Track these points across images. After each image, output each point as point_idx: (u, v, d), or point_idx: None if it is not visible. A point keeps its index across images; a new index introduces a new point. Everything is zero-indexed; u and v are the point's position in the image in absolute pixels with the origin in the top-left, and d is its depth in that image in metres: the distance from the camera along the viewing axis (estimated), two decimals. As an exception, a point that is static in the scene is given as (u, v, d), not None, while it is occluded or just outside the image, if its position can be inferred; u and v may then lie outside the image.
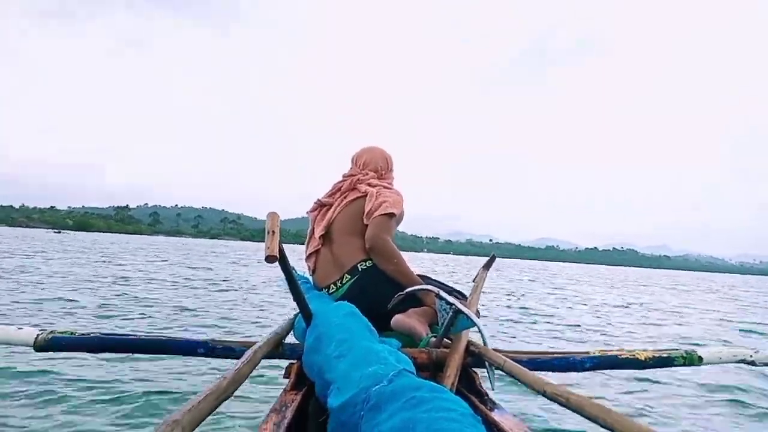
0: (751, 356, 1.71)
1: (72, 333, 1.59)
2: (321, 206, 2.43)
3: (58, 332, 1.59)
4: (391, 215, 2.20)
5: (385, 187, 2.35)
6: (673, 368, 1.73)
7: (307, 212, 2.49)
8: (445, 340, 1.83)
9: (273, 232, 1.15)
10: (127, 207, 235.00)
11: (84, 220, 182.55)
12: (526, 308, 10.23)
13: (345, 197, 2.36)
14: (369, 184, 2.36)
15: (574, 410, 1.00)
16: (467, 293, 2.23)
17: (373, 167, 2.47)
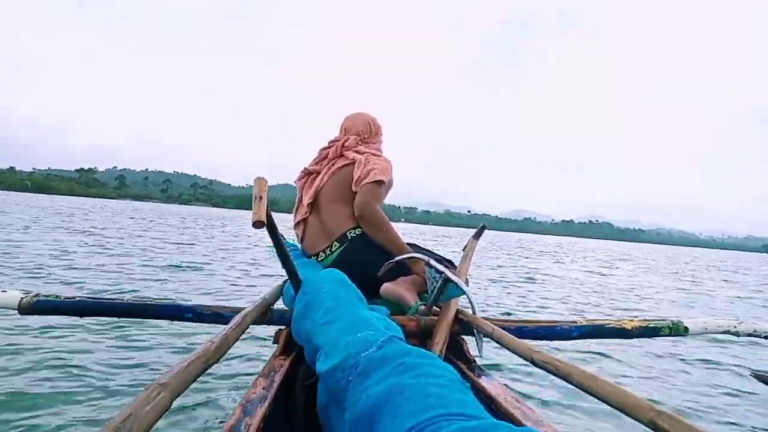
0: (735, 327, 1.74)
1: (57, 296, 1.58)
2: (308, 174, 2.40)
3: (43, 295, 1.57)
4: (380, 183, 2.18)
5: (373, 154, 2.33)
6: (659, 338, 1.76)
7: (294, 181, 2.47)
8: (434, 308, 1.84)
9: (260, 197, 1.13)
10: (91, 170, 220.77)
11: (44, 183, 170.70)
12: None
13: (333, 164, 2.33)
14: (357, 151, 2.33)
15: (561, 377, 1.01)
16: (457, 262, 2.24)
17: (355, 131, 2.43)
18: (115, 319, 2.68)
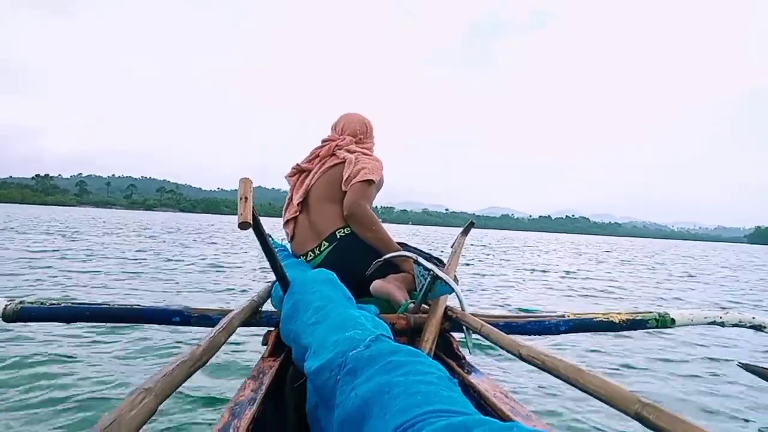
0: (720, 317, 1.76)
1: (42, 303, 1.56)
2: (300, 172, 2.39)
3: (28, 302, 1.55)
4: (369, 182, 2.18)
5: (364, 154, 2.32)
6: (647, 330, 1.78)
7: (285, 176, 2.46)
8: (423, 305, 1.84)
9: (246, 198, 1.12)
10: (48, 176, 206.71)
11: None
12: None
13: (324, 163, 2.33)
14: (348, 150, 2.33)
15: (549, 372, 1.02)
16: (445, 260, 2.25)
17: (350, 132, 2.43)
18: (102, 324, 2.66)
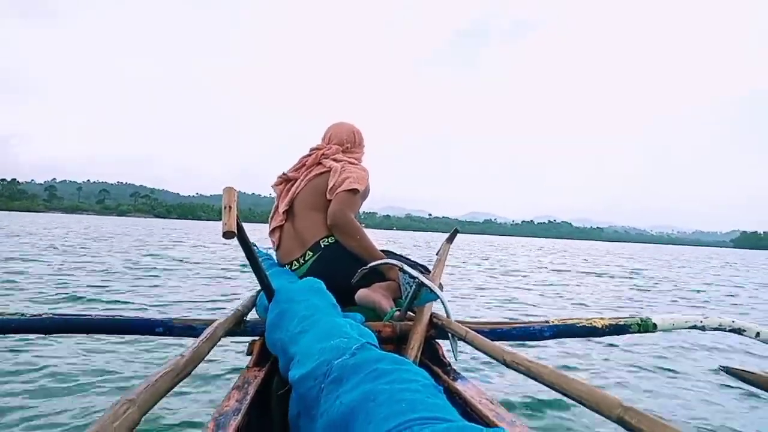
0: (701, 321, 1.80)
1: (22, 314, 1.54)
2: (286, 181, 2.39)
3: (8, 314, 1.52)
4: (354, 191, 2.18)
5: (350, 163, 2.33)
6: (629, 335, 1.80)
7: (272, 185, 2.45)
8: (409, 313, 1.85)
9: (230, 207, 1.12)
10: (15, 180, 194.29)
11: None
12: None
13: (310, 172, 2.33)
14: (334, 159, 2.33)
15: (533, 378, 1.03)
16: (431, 267, 2.26)
17: (337, 140, 2.44)
18: (83, 335, 2.62)
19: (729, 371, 2.00)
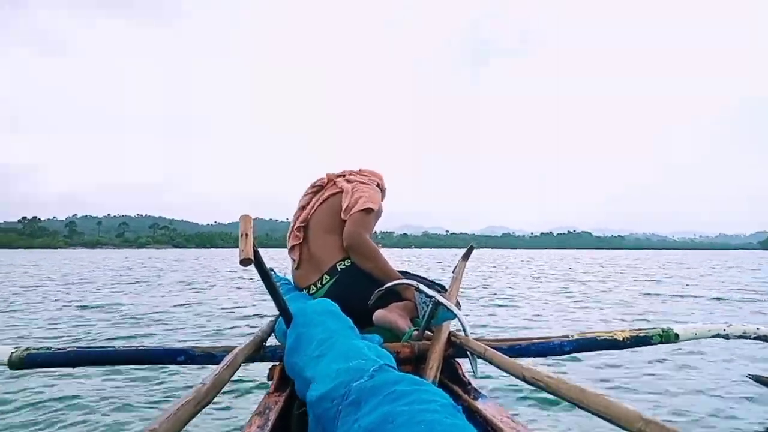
0: (724, 330, 1.77)
1: (48, 348, 1.58)
2: (302, 208, 2.39)
3: (34, 349, 1.57)
4: (368, 211, 2.19)
5: (362, 183, 2.35)
6: (651, 346, 1.78)
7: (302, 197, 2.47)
8: (426, 332, 1.84)
9: (246, 234, 1.14)
10: (36, 218, 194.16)
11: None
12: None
13: (323, 193, 2.35)
14: (347, 180, 2.35)
15: (552, 393, 1.02)
16: (447, 285, 2.25)
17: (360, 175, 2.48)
18: (108, 367, 2.65)
19: (759, 380, 1.96)
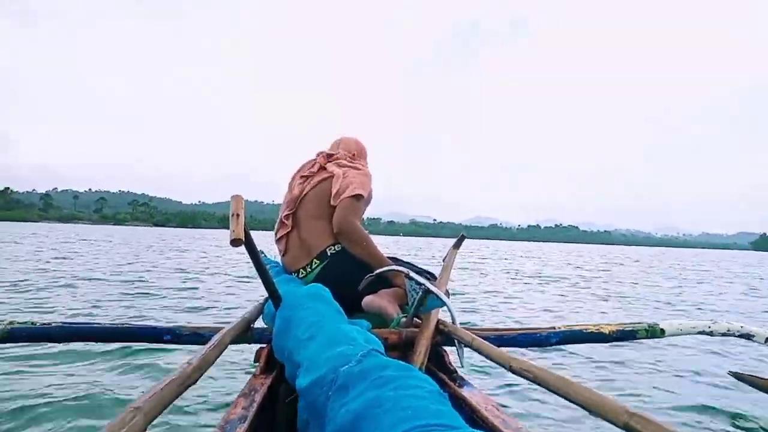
0: (709, 327, 1.79)
1: (33, 323, 1.56)
2: (292, 195, 2.38)
3: (18, 323, 1.55)
4: (358, 197, 2.18)
5: (353, 168, 2.34)
6: (637, 341, 1.79)
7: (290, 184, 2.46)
8: (415, 319, 1.85)
9: (237, 215, 1.13)
10: (8, 189, 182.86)
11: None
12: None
13: (313, 178, 2.34)
14: (338, 164, 2.34)
15: (539, 384, 1.03)
16: (437, 273, 2.25)
17: (345, 148, 2.49)
18: (92, 343, 2.63)
19: (738, 377, 1.99)
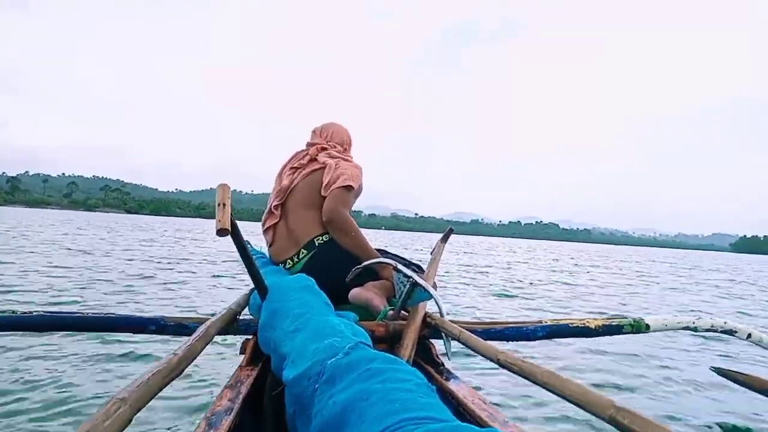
0: (693, 323, 1.81)
1: (13, 312, 1.52)
2: (282, 186, 2.36)
3: None
4: (349, 188, 2.17)
5: (344, 159, 2.33)
6: (622, 335, 1.81)
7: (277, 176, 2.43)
8: (402, 312, 1.85)
9: (224, 204, 1.12)
10: None
11: None
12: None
13: (304, 168, 2.32)
14: (329, 155, 2.32)
15: (525, 377, 1.03)
16: (425, 266, 2.26)
17: (338, 140, 2.46)
18: (75, 333, 2.60)
19: (721, 372, 2.02)
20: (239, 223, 1.28)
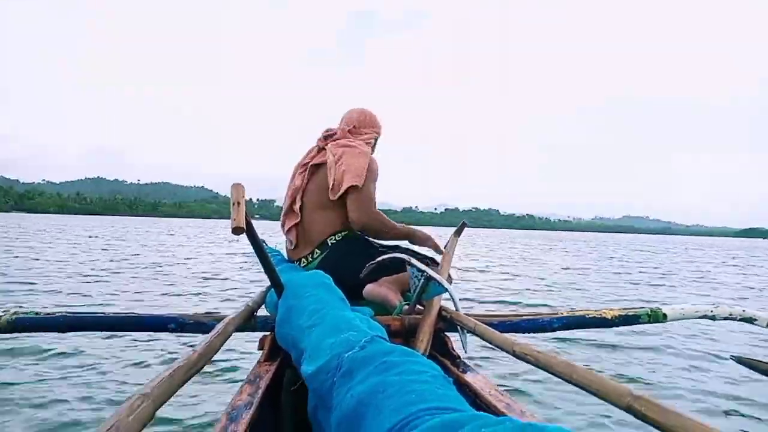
0: (711, 311, 1.79)
1: (37, 313, 1.56)
2: (296, 186, 2.33)
3: (22, 312, 1.55)
4: (356, 188, 2.12)
5: (348, 146, 2.25)
6: (639, 325, 1.80)
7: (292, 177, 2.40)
8: (417, 306, 1.85)
9: (238, 203, 1.13)
10: None
11: None
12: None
13: (313, 161, 2.30)
14: (337, 144, 2.27)
15: (542, 368, 1.03)
16: (439, 260, 2.26)
17: (347, 121, 2.38)
18: (97, 333, 2.65)
19: (740, 360, 1.99)
20: (139, 218, 1.27)
